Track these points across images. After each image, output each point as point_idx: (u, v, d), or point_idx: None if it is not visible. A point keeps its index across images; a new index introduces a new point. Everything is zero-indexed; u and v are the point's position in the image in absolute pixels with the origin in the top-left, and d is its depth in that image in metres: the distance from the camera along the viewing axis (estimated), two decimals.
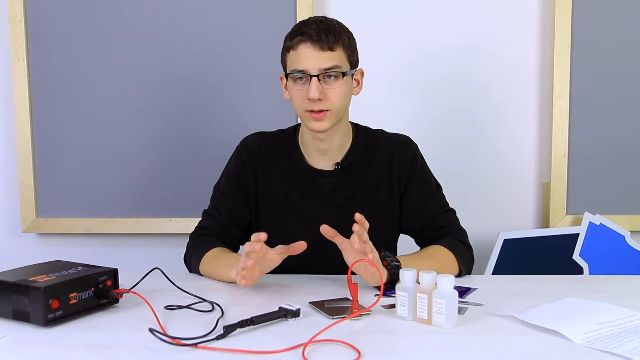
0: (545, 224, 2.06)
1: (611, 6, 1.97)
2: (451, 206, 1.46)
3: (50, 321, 0.97)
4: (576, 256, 1.92)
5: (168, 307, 1.09)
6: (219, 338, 0.91)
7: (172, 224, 2.09)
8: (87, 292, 1.04)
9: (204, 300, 1.12)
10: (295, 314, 1.01)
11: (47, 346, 0.91)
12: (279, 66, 1.37)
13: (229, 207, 1.42)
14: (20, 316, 0.99)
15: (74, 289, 1.01)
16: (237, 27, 2.03)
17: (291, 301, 1.04)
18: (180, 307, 1.09)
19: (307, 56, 1.25)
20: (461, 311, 1.04)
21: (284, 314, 1.01)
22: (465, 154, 2.07)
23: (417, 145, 1.46)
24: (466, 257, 1.34)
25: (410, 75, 2.06)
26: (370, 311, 1.04)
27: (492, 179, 2.08)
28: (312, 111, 1.28)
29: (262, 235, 1.08)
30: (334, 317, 1.01)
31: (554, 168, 2.02)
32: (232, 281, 1.20)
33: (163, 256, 1.88)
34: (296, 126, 1.46)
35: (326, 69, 1.25)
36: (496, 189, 2.08)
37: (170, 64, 2.05)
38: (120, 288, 1.09)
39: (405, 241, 1.48)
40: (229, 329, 0.93)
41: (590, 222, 1.93)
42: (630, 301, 1.08)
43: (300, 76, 1.27)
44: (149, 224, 2.10)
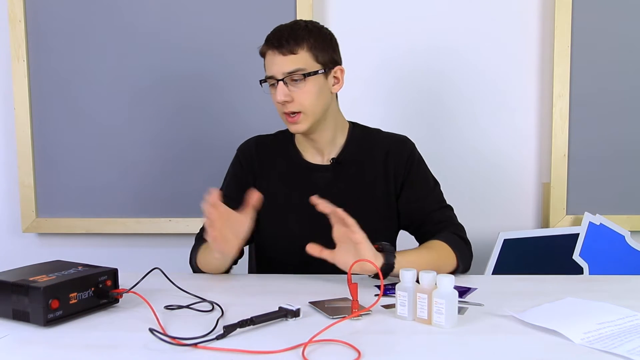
0: (545, 224, 2.05)
1: (611, 6, 1.97)
2: (451, 206, 1.45)
3: (50, 321, 0.97)
4: (576, 256, 1.92)
5: (168, 307, 1.09)
6: (219, 338, 0.91)
7: (172, 224, 2.09)
8: (87, 292, 1.04)
9: (204, 300, 1.12)
10: (295, 314, 1.01)
11: (47, 346, 0.91)
12: None
13: (232, 208, 1.42)
14: (20, 316, 0.99)
15: (74, 289, 1.01)
16: (237, 27, 2.03)
17: (291, 301, 1.04)
18: (180, 307, 1.09)
19: (272, 62, 1.32)
20: (461, 311, 1.04)
21: (284, 313, 1.01)
22: (466, 154, 2.07)
23: (414, 144, 1.46)
24: (464, 252, 1.34)
25: (410, 75, 2.05)
26: (370, 311, 1.04)
27: (492, 179, 2.08)
28: (288, 114, 1.33)
29: (212, 198, 1.13)
30: (334, 317, 1.01)
31: (554, 168, 2.02)
32: (223, 265, 1.28)
33: (163, 256, 1.89)
34: None
35: (289, 72, 1.30)
36: (496, 189, 2.08)
37: (171, 64, 2.05)
38: (120, 288, 1.09)
39: (406, 242, 1.48)
40: (229, 329, 0.93)
41: (590, 222, 1.93)
42: (630, 301, 1.08)
43: (272, 82, 1.33)
44: (149, 224, 2.10)
